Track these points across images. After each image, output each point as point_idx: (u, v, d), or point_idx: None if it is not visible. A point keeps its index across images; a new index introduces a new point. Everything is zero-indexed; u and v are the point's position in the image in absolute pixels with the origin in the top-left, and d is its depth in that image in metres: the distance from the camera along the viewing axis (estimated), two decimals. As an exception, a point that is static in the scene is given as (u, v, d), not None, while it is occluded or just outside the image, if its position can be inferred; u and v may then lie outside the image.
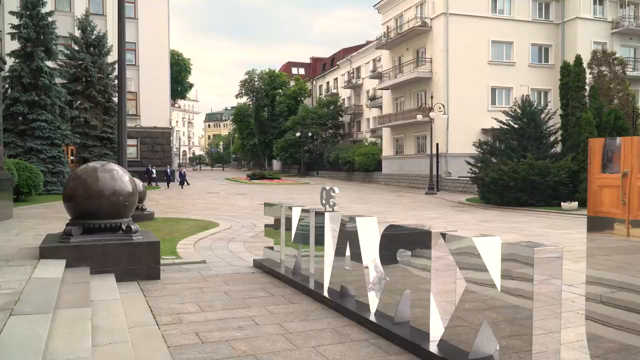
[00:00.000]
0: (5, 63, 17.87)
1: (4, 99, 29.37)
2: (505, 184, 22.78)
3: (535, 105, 26.44)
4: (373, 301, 5.37)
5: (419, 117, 33.83)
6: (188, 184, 40.06)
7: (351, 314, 5.47)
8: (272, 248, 8.36)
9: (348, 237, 5.83)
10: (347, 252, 5.86)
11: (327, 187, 6.61)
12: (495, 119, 26.59)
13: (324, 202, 6.63)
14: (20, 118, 28.64)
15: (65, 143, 29.84)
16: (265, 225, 8.86)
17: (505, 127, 25.77)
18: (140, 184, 16.56)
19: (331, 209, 6.51)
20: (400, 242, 4.97)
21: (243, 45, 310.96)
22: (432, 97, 33.24)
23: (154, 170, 40.72)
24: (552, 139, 25.60)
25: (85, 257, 7.08)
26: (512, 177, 22.53)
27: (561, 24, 37.67)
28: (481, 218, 18.66)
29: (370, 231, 5.65)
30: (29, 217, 16.91)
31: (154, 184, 39.62)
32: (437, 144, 33.40)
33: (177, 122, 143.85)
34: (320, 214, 6.58)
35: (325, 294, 6.18)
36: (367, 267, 5.52)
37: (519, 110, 25.65)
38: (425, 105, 34.76)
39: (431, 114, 32.38)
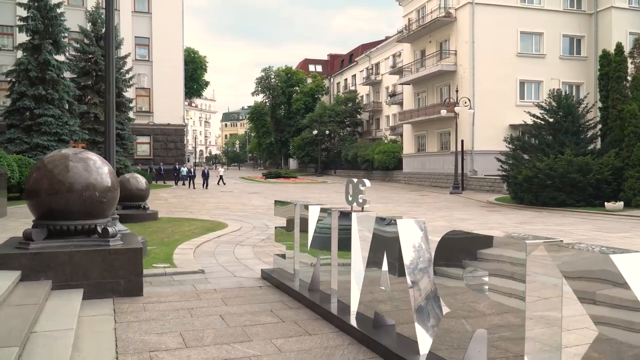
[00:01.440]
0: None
1: (10, 93, 28.38)
2: (541, 183, 20.94)
3: (571, 98, 24.47)
4: (423, 340, 3.77)
5: (443, 112, 32.00)
6: (224, 183, 38.04)
7: (391, 357, 3.87)
8: (283, 256, 6.79)
9: (385, 244, 4.24)
10: (384, 265, 4.27)
11: (355, 180, 5.02)
12: (528, 112, 24.71)
13: (350, 198, 5.04)
14: (27, 113, 27.52)
15: (74, 139, 28.65)
16: (276, 228, 7.29)
17: (540, 121, 23.87)
18: (143, 181, 15.18)
19: (360, 208, 4.92)
20: (468, 253, 3.36)
21: (259, 46, 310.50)
22: (457, 91, 31.39)
23: (178, 167, 39.33)
24: (590, 133, 23.63)
25: (47, 268, 5.59)
26: (549, 175, 20.68)
27: (594, 14, 35.49)
28: (517, 219, 16.89)
29: (418, 238, 4.06)
30: (23, 217, 15.62)
31: (182, 182, 37.73)
32: (462, 141, 31.56)
33: (194, 121, 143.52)
34: (345, 215, 5.00)
35: (353, 321, 4.59)
36: (412, 287, 3.93)
37: (554, 103, 23.75)
38: (449, 100, 32.93)
39: (456, 109, 30.53)
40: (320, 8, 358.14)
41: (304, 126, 63.08)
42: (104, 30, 30.88)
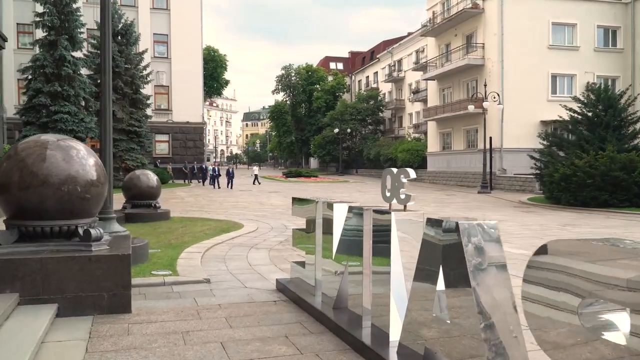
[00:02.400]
0: (5, 41, 15.89)
1: (26, 90, 27.85)
2: (580, 181, 19.43)
3: (611, 91, 22.88)
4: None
5: (471, 108, 30.54)
6: (259, 183, 36.28)
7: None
8: (302, 263, 5.67)
9: (441, 254, 3.10)
10: (439, 282, 3.12)
11: (395, 170, 3.89)
12: (564, 106, 23.21)
13: (389, 193, 3.89)
14: (43, 110, 26.94)
15: (90, 137, 28.00)
16: (294, 230, 6.17)
17: (577, 115, 22.35)
18: (154, 178, 14.23)
19: (403, 207, 3.77)
20: (588, 274, 2.20)
21: (279, 46, 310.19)
22: (485, 85, 29.89)
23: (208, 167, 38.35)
24: (631, 129, 22.03)
25: (13, 278, 4.56)
26: (589, 173, 19.18)
27: (631, 3, 33.59)
28: (558, 221, 15.50)
29: (491, 248, 2.90)
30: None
31: (209, 182, 35.22)
32: (490, 138, 30.09)
33: (214, 121, 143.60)
34: (382, 214, 3.86)
35: (393, 357, 3.45)
36: (485, 317, 2.77)
37: (592, 97, 22.22)
38: (477, 95, 31.48)
39: (484, 104, 29.08)
40: (340, 7, 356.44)
41: (324, 124, 61.93)
42: (120, 26, 30.29)
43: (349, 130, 57.90)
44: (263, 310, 5.00)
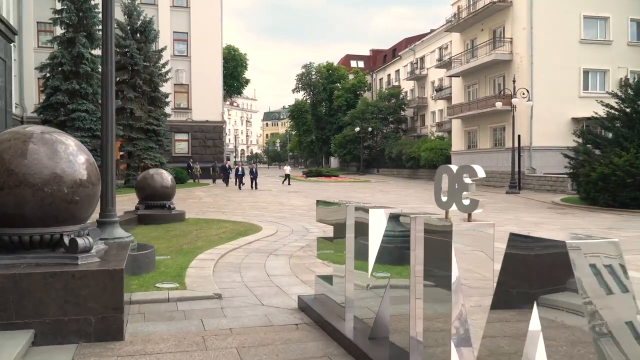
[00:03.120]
0: (15, 34, 15.35)
1: (44, 88, 27.51)
2: (619, 181, 18.20)
3: (651, 85, 21.53)
4: None
5: (498, 104, 29.29)
6: (289, 183, 34.78)
7: None
8: (329, 278, 4.79)
9: (542, 275, 2.20)
10: (533, 317, 2.23)
11: (454, 169, 3.00)
12: (601, 102, 21.94)
13: (445, 198, 3.01)
14: (61, 109, 26.57)
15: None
16: (318, 239, 5.28)
17: (614, 112, 21.08)
18: (169, 177, 13.51)
19: (466, 215, 2.88)
20: None
21: (299, 46, 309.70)
22: (514, 81, 28.60)
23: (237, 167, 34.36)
24: (673, 126, 20.67)
25: (-18, 298, 3.79)
26: (629, 173, 17.95)
27: (668, -5, 32.03)
28: (600, 223, 14.36)
29: (615, 268, 2.00)
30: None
31: (234, 182, 32.74)
32: (519, 136, 28.82)
33: (235, 121, 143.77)
34: (441, 225, 2.97)
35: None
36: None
37: (630, 92, 20.92)
38: (504, 92, 30.23)
39: (513, 100, 27.83)
40: (360, 7, 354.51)
41: (345, 123, 60.94)
42: (139, 23, 29.79)
43: (370, 129, 56.86)
44: (282, 337, 4.14)
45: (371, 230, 3.87)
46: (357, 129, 56.50)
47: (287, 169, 37.79)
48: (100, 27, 27.81)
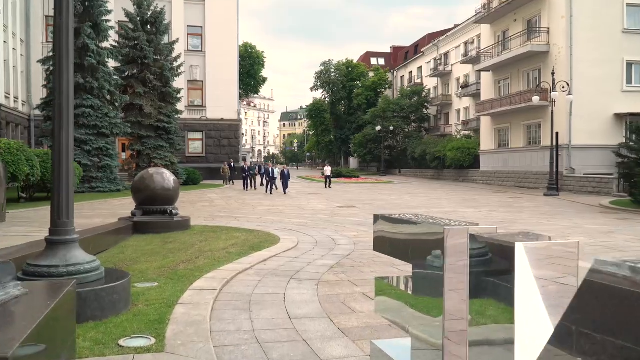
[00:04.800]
0: None
1: (47, 83, 25.91)
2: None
3: None
4: None
5: (536, 99, 26.91)
6: (330, 186, 30.15)
7: None
8: (397, 345, 2.71)
9: None
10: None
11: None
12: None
13: None
14: (66, 105, 24.90)
15: (115, 133, 25.82)
16: (377, 279, 3.20)
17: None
18: (171, 178, 11.58)
19: None
20: None
21: (316, 46, 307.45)
22: (553, 74, 26.18)
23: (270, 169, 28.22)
24: None
25: None
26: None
27: None
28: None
29: None
30: (28, 222, 12.51)
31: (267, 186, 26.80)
32: (557, 134, 26.44)
33: (252, 121, 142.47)
34: None
35: None
36: None
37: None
38: (541, 86, 27.84)
39: (553, 94, 25.46)
40: (379, 6, 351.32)
41: (365, 122, 58.68)
42: (150, 14, 28.05)
43: (391, 128, 54.57)
44: None
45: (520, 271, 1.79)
46: (378, 127, 54.27)
47: (328, 170, 32.34)
48: (108, 18, 26.43)
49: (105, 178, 24.43)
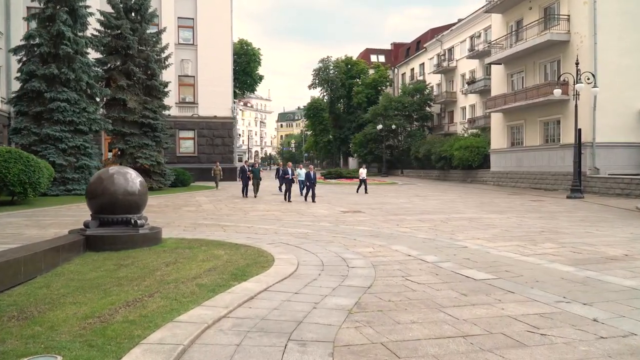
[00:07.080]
0: None
1: (20, 74, 23.38)
2: None
3: None
4: None
5: (557, 92, 24.46)
6: (366, 192, 25.70)
7: None
8: None
9: None
10: None
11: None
12: None
13: None
14: (38, 98, 22.41)
15: (94, 130, 23.31)
16: None
17: None
18: (137, 180, 9.06)
19: None
20: None
21: (314, 47, 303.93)
22: (577, 64, 23.73)
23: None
24: None
25: None
26: None
27: None
28: None
29: None
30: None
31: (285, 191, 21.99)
32: (580, 130, 24.04)
33: (249, 122, 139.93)
34: None
35: None
36: None
37: None
38: (563, 78, 25.41)
39: (578, 86, 23.02)
40: (377, 6, 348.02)
41: (366, 121, 56.16)
42: (133, 0, 25.47)
43: (393, 126, 52.09)
44: None
45: None
46: (380, 126, 51.79)
47: (363, 172, 27.25)
48: (86, 3, 23.91)
49: (83, 179, 21.90)
